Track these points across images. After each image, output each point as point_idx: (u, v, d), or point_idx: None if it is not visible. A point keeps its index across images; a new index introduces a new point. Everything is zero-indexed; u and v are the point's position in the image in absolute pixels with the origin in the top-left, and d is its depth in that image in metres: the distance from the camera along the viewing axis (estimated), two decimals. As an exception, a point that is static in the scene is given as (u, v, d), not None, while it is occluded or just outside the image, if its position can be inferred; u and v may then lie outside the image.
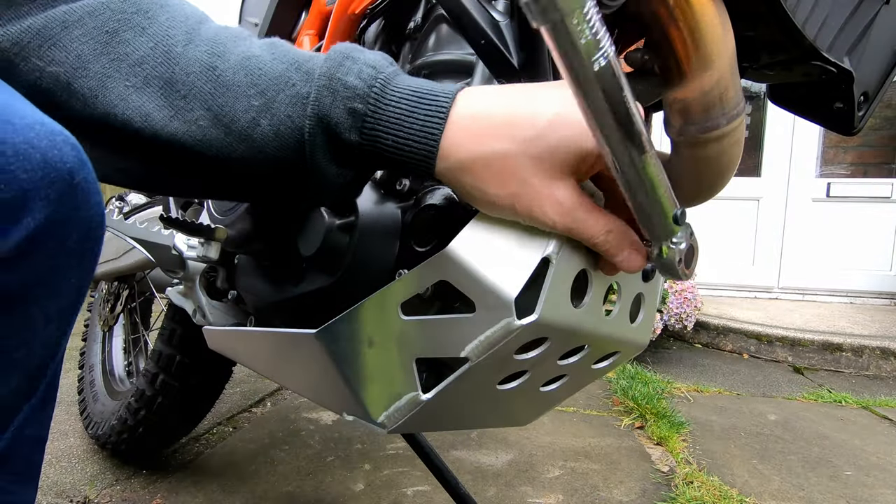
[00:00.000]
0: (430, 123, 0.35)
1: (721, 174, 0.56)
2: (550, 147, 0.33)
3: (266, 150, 0.36)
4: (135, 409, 1.05)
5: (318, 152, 0.36)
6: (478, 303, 0.37)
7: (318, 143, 0.36)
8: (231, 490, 1.07)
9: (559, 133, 0.33)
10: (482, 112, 0.35)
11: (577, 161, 0.34)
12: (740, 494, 1.15)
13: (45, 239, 0.26)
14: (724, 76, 0.42)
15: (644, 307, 0.46)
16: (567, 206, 0.34)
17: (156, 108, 0.35)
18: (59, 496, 1.03)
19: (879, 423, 1.68)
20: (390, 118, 0.35)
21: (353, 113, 0.35)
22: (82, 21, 0.34)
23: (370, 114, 0.35)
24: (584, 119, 0.30)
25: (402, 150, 0.35)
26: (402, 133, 0.35)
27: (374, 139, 0.36)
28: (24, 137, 0.25)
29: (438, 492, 1.05)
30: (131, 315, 1.38)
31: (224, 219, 0.62)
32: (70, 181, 0.26)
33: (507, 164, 0.34)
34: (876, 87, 0.50)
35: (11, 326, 0.27)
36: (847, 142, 3.48)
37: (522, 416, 0.57)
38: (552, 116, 0.33)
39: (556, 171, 0.34)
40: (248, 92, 0.36)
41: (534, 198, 0.34)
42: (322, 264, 0.54)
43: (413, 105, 0.35)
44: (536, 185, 0.34)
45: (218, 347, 0.70)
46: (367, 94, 0.35)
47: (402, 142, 0.35)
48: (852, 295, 3.37)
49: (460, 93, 0.36)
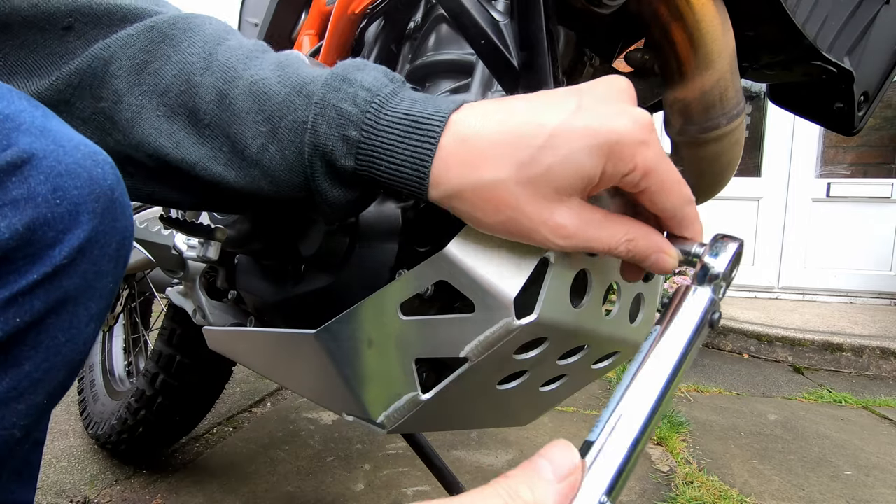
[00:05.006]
0: (420, 150, 0.34)
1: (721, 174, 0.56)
2: (547, 170, 0.31)
3: (276, 174, 0.37)
4: (135, 409, 1.05)
5: (318, 177, 0.37)
6: (477, 303, 0.37)
7: (317, 168, 0.36)
8: (231, 490, 1.07)
9: (557, 153, 0.31)
10: (473, 134, 0.33)
11: (579, 182, 0.31)
12: (740, 494, 1.15)
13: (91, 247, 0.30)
14: (725, 76, 0.42)
15: (644, 307, 0.46)
16: (571, 229, 0.32)
17: (186, 136, 0.37)
18: (59, 496, 1.03)
19: (879, 423, 1.68)
20: (383, 144, 0.35)
21: (347, 140, 0.35)
22: (116, 56, 0.36)
23: (364, 140, 0.35)
24: None
25: (395, 177, 0.35)
26: (394, 159, 0.34)
27: (369, 165, 0.35)
28: (73, 158, 0.29)
29: (438, 492, 1.05)
30: (131, 315, 1.38)
31: (224, 219, 0.62)
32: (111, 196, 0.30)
33: (497, 192, 0.32)
34: (876, 87, 0.50)
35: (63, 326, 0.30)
36: (847, 142, 3.48)
37: (522, 416, 0.57)
38: (550, 132, 0.31)
39: (553, 195, 0.31)
40: (257, 118, 0.36)
41: (529, 225, 0.32)
42: (322, 264, 0.54)
43: (405, 131, 0.34)
44: (530, 213, 0.32)
45: (218, 347, 0.70)
46: (360, 120, 0.35)
47: (395, 168, 0.35)
48: (852, 295, 3.37)
49: (455, 113, 0.34)
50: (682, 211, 0.34)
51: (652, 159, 0.31)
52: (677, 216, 0.34)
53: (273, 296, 0.61)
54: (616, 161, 0.31)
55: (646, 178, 0.31)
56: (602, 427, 0.26)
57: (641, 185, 0.32)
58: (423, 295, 0.42)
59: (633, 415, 0.26)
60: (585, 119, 0.31)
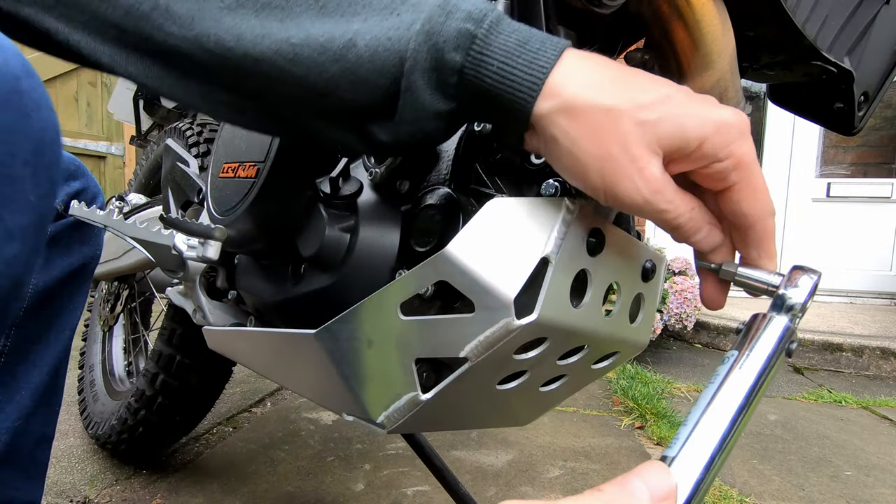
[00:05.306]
0: (540, 56, 0.32)
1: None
2: (658, 119, 0.31)
3: (358, 71, 0.34)
4: (135, 409, 1.05)
5: (417, 72, 0.34)
6: (477, 303, 0.36)
7: (420, 62, 0.34)
8: (231, 490, 1.07)
9: (670, 109, 0.31)
10: (597, 64, 0.33)
11: (677, 144, 0.31)
12: (740, 494, 1.15)
13: None
14: (725, 76, 0.42)
15: (644, 307, 0.46)
16: (658, 184, 0.31)
17: (248, 29, 0.34)
18: (59, 496, 1.03)
19: (879, 423, 1.68)
20: (499, 45, 0.33)
21: (463, 34, 0.33)
22: None
23: (480, 37, 0.33)
24: None
25: (505, 81, 0.33)
26: (509, 61, 0.33)
27: (477, 63, 0.33)
28: None
29: (438, 492, 1.05)
30: (131, 315, 1.38)
31: (224, 219, 0.62)
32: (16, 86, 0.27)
33: (611, 120, 0.31)
34: (876, 87, 0.50)
35: None
36: (847, 142, 3.48)
37: (522, 416, 0.57)
38: (667, 93, 0.32)
39: (655, 144, 0.31)
40: (347, 11, 0.34)
41: (626, 167, 0.31)
42: (322, 264, 0.54)
43: (525, 37, 0.33)
44: (633, 153, 0.31)
45: (218, 347, 0.70)
46: (481, 17, 0.33)
47: (508, 69, 0.33)
48: (852, 295, 3.37)
49: (569, 48, 0.34)
50: (763, 221, 0.33)
51: (747, 153, 0.31)
52: (757, 226, 0.33)
53: (273, 296, 0.61)
54: (715, 139, 0.31)
55: (737, 170, 0.31)
56: (682, 445, 0.27)
57: (731, 178, 0.32)
58: (423, 295, 0.42)
59: (712, 434, 0.27)
60: (697, 97, 0.32)
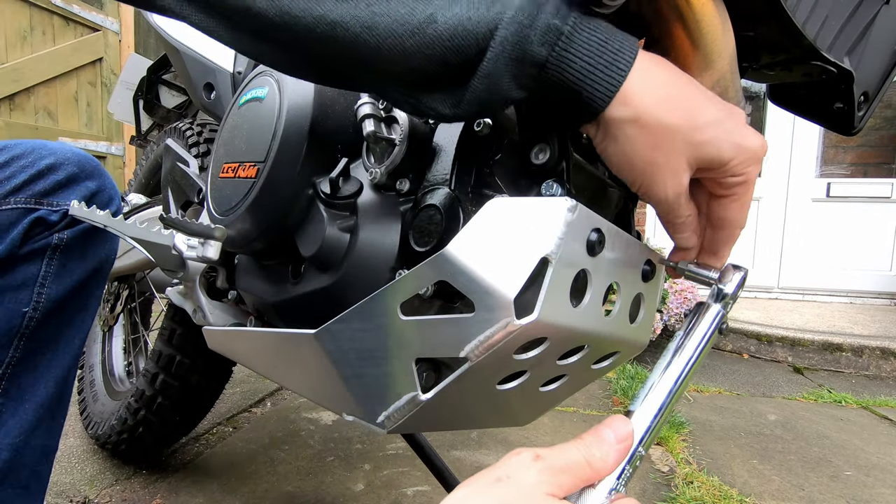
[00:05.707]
0: (620, 57, 0.35)
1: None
2: (703, 141, 0.36)
3: (434, 47, 0.35)
4: (135, 409, 1.05)
5: (503, 60, 0.35)
6: (477, 303, 0.36)
7: (507, 50, 0.34)
8: (231, 490, 1.07)
9: (717, 133, 0.36)
10: (665, 74, 0.36)
11: (712, 162, 0.37)
12: (740, 494, 1.15)
13: None
14: (725, 76, 0.42)
15: (644, 307, 0.46)
16: (680, 189, 0.38)
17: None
18: (59, 496, 1.03)
19: (879, 423, 1.68)
20: (582, 42, 0.35)
21: (551, 29, 0.34)
22: None
23: (566, 34, 0.35)
24: None
25: (586, 80, 0.35)
26: (591, 61, 0.35)
27: (560, 60, 0.35)
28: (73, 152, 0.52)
29: (438, 492, 1.05)
30: (131, 315, 1.38)
31: (224, 219, 0.62)
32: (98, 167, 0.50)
33: (669, 135, 0.36)
34: (876, 87, 0.50)
35: None
36: (847, 142, 3.48)
37: (522, 416, 0.57)
38: (715, 115, 0.36)
39: (692, 161, 0.37)
40: None
41: (666, 173, 0.37)
42: (322, 264, 0.54)
43: (605, 36, 0.35)
44: (674, 165, 0.37)
45: (218, 347, 0.70)
46: (566, 13, 0.35)
47: (589, 70, 0.35)
48: (852, 295, 3.37)
49: (641, 50, 0.37)
50: (735, 230, 0.41)
51: (753, 178, 0.38)
52: (726, 231, 0.41)
53: (273, 296, 0.61)
54: (740, 160, 0.37)
55: (741, 186, 0.38)
56: (641, 400, 0.36)
57: (734, 190, 0.39)
58: (423, 295, 0.42)
59: (663, 391, 0.36)
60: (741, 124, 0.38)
